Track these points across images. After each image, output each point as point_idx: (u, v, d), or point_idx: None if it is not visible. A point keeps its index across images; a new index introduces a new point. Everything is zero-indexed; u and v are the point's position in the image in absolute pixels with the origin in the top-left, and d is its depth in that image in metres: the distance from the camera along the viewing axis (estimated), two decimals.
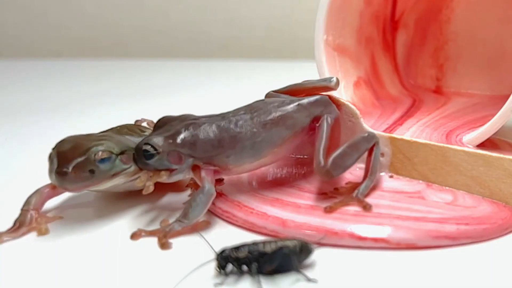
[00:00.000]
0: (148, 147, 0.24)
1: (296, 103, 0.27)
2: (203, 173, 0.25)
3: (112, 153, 0.24)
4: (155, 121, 0.33)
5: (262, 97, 0.29)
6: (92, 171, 0.24)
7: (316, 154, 0.25)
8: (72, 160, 0.23)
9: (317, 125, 0.27)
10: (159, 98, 0.58)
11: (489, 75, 0.40)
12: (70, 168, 0.23)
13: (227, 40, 0.86)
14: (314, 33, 0.34)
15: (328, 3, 0.34)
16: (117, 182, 0.25)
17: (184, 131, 0.25)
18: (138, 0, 0.89)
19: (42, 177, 0.27)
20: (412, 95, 0.40)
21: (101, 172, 0.24)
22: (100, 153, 0.24)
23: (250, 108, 0.26)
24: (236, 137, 0.25)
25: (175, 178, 0.25)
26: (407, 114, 0.34)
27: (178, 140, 0.24)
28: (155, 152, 0.24)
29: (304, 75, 0.33)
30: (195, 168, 0.25)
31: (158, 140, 0.24)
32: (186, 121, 0.25)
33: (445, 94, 0.41)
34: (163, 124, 0.26)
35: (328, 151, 0.25)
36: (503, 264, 0.21)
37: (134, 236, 0.24)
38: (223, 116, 0.26)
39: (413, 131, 0.30)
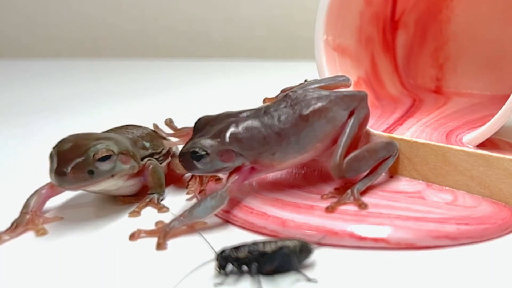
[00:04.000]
0: (196, 149, 0.23)
1: (334, 95, 0.26)
2: (230, 180, 0.24)
3: (112, 152, 0.25)
4: (175, 124, 0.32)
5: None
6: (91, 172, 0.24)
7: (336, 151, 0.25)
8: (71, 160, 0.23)
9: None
10: (159, 98, 0.58)
11: (489, 75, 0.40)
12: (69, 169, 0.23)
13: (227, 40, 0.86)
14: (314, 33, 0.34)
15: (328, 3, 0.34)
16: (114, 183, 0.26)
17: (229, 128, 0.24)
18: (138, 0, 0.89)
19: (42, 176, 0.27)
20: (412, 95, 0.40)
21: (100, 173, 0.24)
22: (100, 152, 0.24)
23: (291, 101, 0.25)
24: (281, 134, 0.25)
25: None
26: (407, 114, 0.34)
27: (226, 138, 0.24)
28: (204, 153, 0.24)
29: (304, 75, 0.33)
30: (232, 171, 0.25)
31: (205, 142, 0.24)
32: (228, 119, 0.25)
33: (445, 94, 0.41)
34: (203, 126, 0.25)
35: (349, 148, 0.26)
36: (503, 264, 0.21)
37: (132, 237, 0.24)
38: (264, 110, 0.25)
39: (413, 131, 0.30)
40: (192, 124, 0.26)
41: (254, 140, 0.24)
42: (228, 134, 0.24)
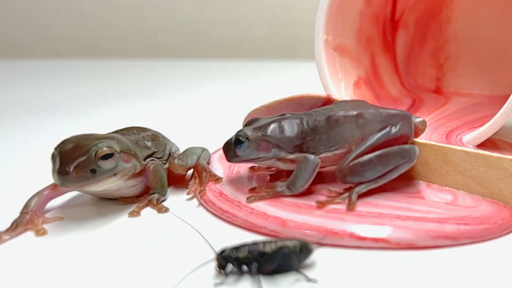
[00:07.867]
0: (240, 136, 0.26)
1: (375, 111, 0.27)
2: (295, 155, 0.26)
3: (114, 150, 0.25)
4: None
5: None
6: (93, 171, 0.24)
7: (348, 155, 0.26)
8: (74, 160, 0.24)
9: None
10: (158, 98, 0.58)
11: (489, 75, 0.40)
12: (72, 168, 0.23)
13: (227, 40, 0.86)
14: (314, 33, 0.34)
15: (328, 3, 0.34)
16: (116, 183, 0.26)
17: (272, 123, 0.27)
18: (138, 0, 0.89)
19: (42, 176, 0.27)
20: (412, 95, 0.40)
21: (102, 171, 0.24)
22: (101, 150, 0.24)
23: (334, 106, 0.28)
24: (315, 129, 0.27)
25: (264, 163, 0.27)
26: None
27: (268, 131, 0.26)
28: (245, 139, 0.26)
29: (304, 75, 0.33)
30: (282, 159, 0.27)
31: (248, 130, 0.26)
32: (274, 117, 0.27)
33: (445, 94, 0.41)
34: (252, 122, 0.28)
35: None
36: (503, 264, 0.21)
37: (252, 199, 0.25)
38: (306, 112, 0.27)
39: None
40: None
41: (292, 134, 0.27)
42: (269, 127, 0.26)
